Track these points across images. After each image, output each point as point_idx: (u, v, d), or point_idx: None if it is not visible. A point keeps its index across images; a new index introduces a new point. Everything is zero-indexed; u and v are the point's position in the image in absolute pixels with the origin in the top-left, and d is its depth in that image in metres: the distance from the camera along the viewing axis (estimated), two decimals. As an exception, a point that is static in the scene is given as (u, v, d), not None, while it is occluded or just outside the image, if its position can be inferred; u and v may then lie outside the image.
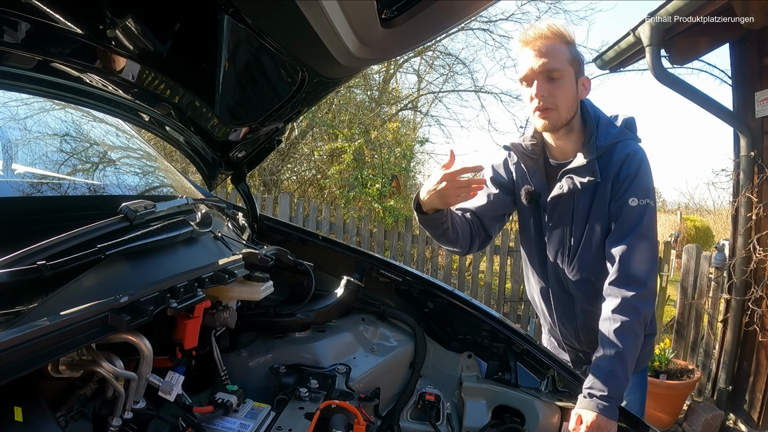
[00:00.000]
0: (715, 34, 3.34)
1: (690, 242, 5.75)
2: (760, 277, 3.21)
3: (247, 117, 1.55)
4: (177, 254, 1.13)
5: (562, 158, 1.54)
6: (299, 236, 1.84)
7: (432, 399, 1.45)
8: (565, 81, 1.41)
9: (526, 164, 1.59)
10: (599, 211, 1.48)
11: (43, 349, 0.71)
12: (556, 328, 1.71)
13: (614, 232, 1.45)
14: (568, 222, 1.54)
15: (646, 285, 1.40)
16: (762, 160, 3.23)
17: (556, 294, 1.65)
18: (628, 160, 1.45)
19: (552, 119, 1.44)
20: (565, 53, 1.42)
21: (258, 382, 1.38)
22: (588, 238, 1.51)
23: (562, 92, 1.42)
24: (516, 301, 5.50)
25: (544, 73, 1.40)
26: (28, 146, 1.44)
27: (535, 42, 1.42)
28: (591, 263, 1.51)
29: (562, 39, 1.42)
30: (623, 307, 1.37)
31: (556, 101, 1.42)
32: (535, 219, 1.62)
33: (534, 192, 1.57)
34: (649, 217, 1.43)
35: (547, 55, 1.40)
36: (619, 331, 1.35)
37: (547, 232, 1.58)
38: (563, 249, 1.57)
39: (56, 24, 0.92)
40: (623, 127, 1.50)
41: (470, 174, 1.37)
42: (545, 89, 1.41)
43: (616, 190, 1.45)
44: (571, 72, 1.43)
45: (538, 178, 1.58)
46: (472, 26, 10.55)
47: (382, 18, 1.09)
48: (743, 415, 3.31)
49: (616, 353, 1.33)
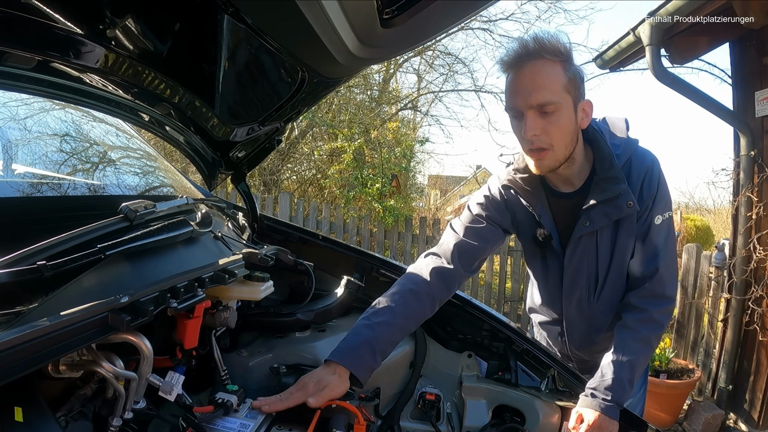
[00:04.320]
0: (715, 33, 3.34)
1: (690, 241, 5.74)
2: (760, 276, 3.21)
3: (247, 117, 1.55)
4: (177, 254, 1.13)
5: (569, 188, 1.37)
6: (299, 236, 1.83)
7: (432, 399, 1.45)
8: (561, 114, 1.19)
9: (530, 203, 1.40)
10: (626, 237, 1.35)
11: (43, 350, 0.71)
12: (565, 347, 1.65)
13: (642, 251, 1.35)
14: (592, 258, 1.40)
15: (672, 300, 1.37)
16: (762, 159, 3.23)
17: (573, 324, 1.56)
18: (648, 175, 1.31)
19: (547, 161, 1.24)
20: (560, 77, 1.18)
21: (258, 382, 1.38)
22: (617, 268, 1.40)
23: (557, 128, 1.20)
24: (516, 301, 5.50)
25: (534, 108, 1.18)
26: (28, 146, 1.44)
27: (522, 64, 1.18)
28: (620, 291, 1.43)
29: (555, 54, 1.18)
30: (647, 321, 1.34)
31: (551, 140, 1.21)
32: (547, 259, 1.49)
33: (548, 235, 1.41)
34: (670, 229, 1.37)
35: (539, 84, 1.17)
36: (637, 342, 1.32)
37: (566, 271, 1.45)
38: (588, 286, 1.45)
39: (56, 24, 0.92)
40: (628, 136, 1.36)
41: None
42: (537, 126, 1.19)
43: (641, 210, 1.32)
44: (569, 101, 1.20)
45: (545, 217, 1.40)
46: (472, 26, 10.58)
47: (383, 17, 1.09)
48: (743, 415, 3.32)
49: (629, 362, 1.30)
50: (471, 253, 1.45)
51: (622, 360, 1.30)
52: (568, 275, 1.45)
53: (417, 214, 8.01)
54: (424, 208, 11.78)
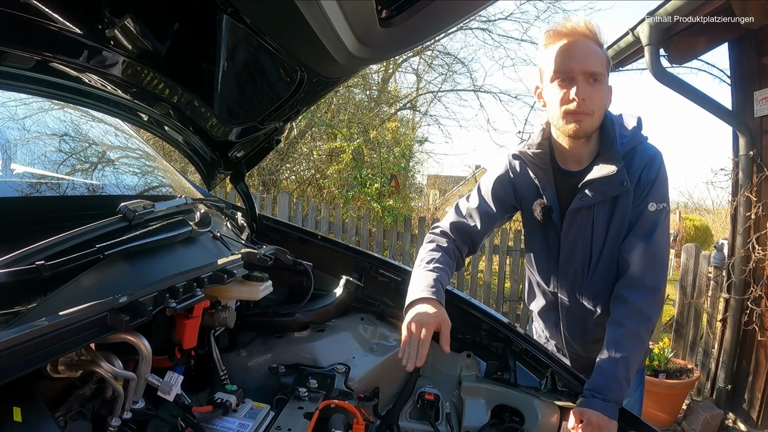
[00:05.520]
0: (713, 33, 3.35)
1: (689, 241, 5.75)
2: (759, 276, 3.22)
3: (246, 117, 1.55)
4: (176, 254, 1.13)
5: (576, 166, 1.45)
6: (298, 236, 1.84)
7: (431, 398, 1.45)
8: (602, 87, 1.33)
9: (538, 175, 1.49)
10: (621, 219, 1.42)
11: (42, 350, 0.71)
12: (561, 339, 1.67)
13: (631, 236, 1.41)
14: (587, 234, 1.46)
15: (660, 290, 1.38)
16: (761, 159, 3.23)
17: (568, 307, 1.59)
18: (649, 164, 1.39)
19: (585, 125, 1.34)
20: (603, 57, 1.34)
21: (257, 382, 1.38)
22: (610, 249, 1.45)
23: (600, 98, 1.33)
24: (515, 301, 5.50)
25: (587, 74, 1.30)
26: (27, 146, 1.44)
27: (577, 36, 1.32)
28: (613, 275, 1.46)
29: (599, 41, 1.34)
30: (634, 313, 1.35)
31: (594, 106, 1.32)
32: (547, 233, 1.54)
33: (547, 206, 1.48)
34: (664, 221, 1.40)
35: (592, 55, 1.31)
36: (627, 337, 1.33)
37: (563, 245, 1.50)
38: (582, 262, 1.50)
39: (55, 24, 0.92)
40: (638, 129, 1.43)
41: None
42: (586, 92, 1.30)
43: (637, 195, 1.39)
44: (606, 79, 1.35)
45: (549, 190, 1.48)
46: (471, 26, 10.58)
47: (381, 17, 1.09)
48: (742, 414, 3.32)
49: (621, 358, 1.31)
50: (488, 216, 1.58)
51: (615, 357, 1.32)
52: (564, 249, 1.51)
53: (416, 214, 8.00)
54: (423, 208, 11.78)
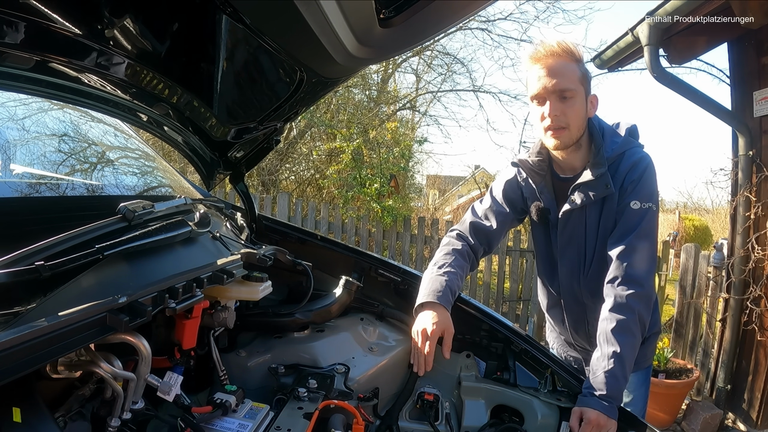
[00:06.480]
0: (713, 33, 3.35)
1: (688, 241, 5.76)
2: (758, 276, 3.22)
3: (245, 117, 1.55)
4: (175, 254, 1.13)
5: (571, 172, 1.57)
6: (298, 236, 1.84)
7: (431, 399, 1.45)
8: (576, 100, 1.43)
9: (535, 180, 1.60)
10: (609, 221, 1.51)
11: (42, 350, 0.71)
12: (569, 334, 1.76)
13: (615, 233, 1.48)
14: (581, 236, 1.56)
15: (643, 285, 1.41)
16: (760, 159, 3.23)
17: (569, 305, 1.68)
18: (634, 166, 1.47)
19: (564, 138, 1.46)
20: (576, 72, 1.43)
21: (257, 382, 1.38)
22: (601, 249, 1.53)
23: (573, 111, 1.44)
24: (515, 301, 5.50)
25: (556, 93, 1.42)
26: (26, 146, 1.44)
27: (547, 59, 1.43)
28: (605, 274, 1.51)
29: (573, 57, 1.44)
30: (619, 306, 1.39)
31: (568, 120, 1.44)
32: (545, 235, 1.65)
33: (544, 208, 1.60)
34: (649, 220, 1.45)
35: (560, 74, 1.41)
36: (616, 331, 1.36)
37: (559, 246, 1.61)
38: (577, 262, 1.59)
39: (54, 24, 0.92)
40: (627, 136, 1.52)
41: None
42: (558, 108, 1.43)
43: (621, 195, 1.48)
44: (582, 91, 1.45)
45: (546, 194, 1.60)
46: (471, 26, 10.57)
47: (381, 18, 1.09)
48: (742, 414, 3.32)
49: (614, 353, 1.33)
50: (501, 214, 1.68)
51: (607, 353, 1.35)
52: (560, 248, 1.61)
53: (415, 214, 8.00)
54: (423, 208, 11.77)
